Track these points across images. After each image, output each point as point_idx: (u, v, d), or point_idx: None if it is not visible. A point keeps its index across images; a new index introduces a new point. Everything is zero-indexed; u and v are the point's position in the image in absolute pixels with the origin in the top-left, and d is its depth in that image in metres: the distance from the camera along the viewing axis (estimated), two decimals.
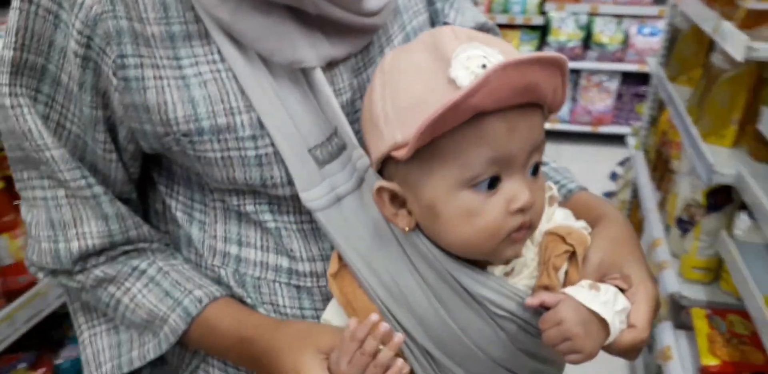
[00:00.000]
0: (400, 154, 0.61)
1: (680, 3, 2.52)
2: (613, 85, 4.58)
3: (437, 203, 0.63)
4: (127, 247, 0.75)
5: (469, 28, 0.69)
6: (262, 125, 0.67)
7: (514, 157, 0.61)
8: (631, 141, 3.44)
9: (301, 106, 0.68)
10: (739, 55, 1.61)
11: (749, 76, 1.81)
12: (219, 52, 0.66)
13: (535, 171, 0.65)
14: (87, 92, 0.66)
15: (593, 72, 4.55)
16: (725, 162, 1.80)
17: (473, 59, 0.59)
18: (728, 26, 1.75)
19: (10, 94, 0.66)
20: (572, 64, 4.49)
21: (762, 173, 1.71)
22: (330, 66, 0.70)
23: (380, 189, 0.65)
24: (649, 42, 4.31)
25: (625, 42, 4.41)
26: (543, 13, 4.47)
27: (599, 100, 4.61)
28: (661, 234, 2.36)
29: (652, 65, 3.04)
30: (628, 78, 4.58)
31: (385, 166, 0.67)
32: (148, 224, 0.77)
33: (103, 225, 0.72)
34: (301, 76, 0.68)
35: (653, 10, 4.23)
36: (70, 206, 0.71)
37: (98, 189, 0.71)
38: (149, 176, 0.79)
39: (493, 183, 0.62)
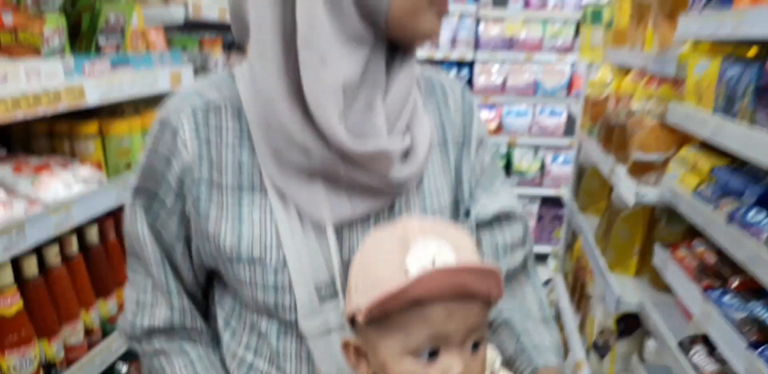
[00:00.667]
0: (360, 319, 0.73)
1: (583, 144, 2.86)
2: (534, 208, 4.91)
3: (387, 363, 0.74)
4: (182, 332, 0.95)
5: (440, 221, 0.83)
6: (285, 263, 0.84)
7: (451, 337, 0.72)
8: (551, 263, 3.68)
9: (317, 251, 0.85)
10: (630, 200, 1.87)
11: (643, 215, 2.06)
12: (269, 202, 0.85)
13: (476, 346, 0.75)
14: (177, 215, 0.88)
15: None
16: (630, 291, 2.00)
17: (426, 254, 0.71)
18: (621, 171, 2.03)
19: (133, 205, 0.90)
20: None
21: (662, 301, 1.91)
22: (351, 225, 0.87)
23: (346, 344, 0.78)
24: (563, 169, 4.71)
25: (542, 169, 4.80)
26: None
27: None
28: (582, 355, 2.50)
29: (566, 195, 3.35)
30: (547, 202, 4.93)
31: (354, 321, 0.78)
32: (202, 319, 0.97)
33: (168, 313, 0.93)
34: (324, 228, 0.85)
35: (565, 141, 4.67)
36: (152, 293, 0.93)
37: (173, 285, 0.92)
38: (213, 284, 0.98)
39: (433, 354, 0.72)
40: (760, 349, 1.18)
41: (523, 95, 4.67)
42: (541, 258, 4.63)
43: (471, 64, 4.76)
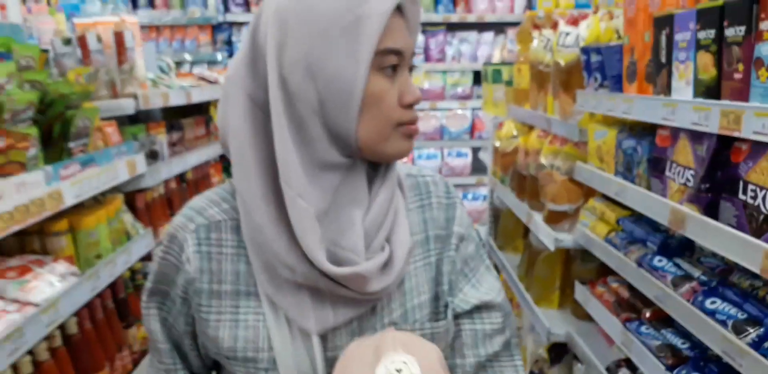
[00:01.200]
0: None
1: (495, 190, 3.16)
2: None
3: None
4: None
5: (412, 335, 0.92)
6: (275, 363, 0.93)
7: None
8: None
9: (304, 354, 0.92)
10: (550, 245, 2.14)
11: (560, 255, 2.35)
12: (263, 308, 0.93)
13: None
14: (183, 315, 0.98)
15: None
16: (557, 323, 2.27)
17: (394, 365, 0.83)
18: (538, 219, 2.32)
19: (148, 305, 1.00)
20: None
21: (585, 329, 2.19)
22: (334, 330, 0.94)
23: None
24: (473, 205, 5.05)
25: None
26: None
27: None
28: None
29: (483, 234, 3.64)
30: None
31: None
32: None
33: None
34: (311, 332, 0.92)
35: (472, 179, 5.02)
36: None
37: (182, 372, 1.02)
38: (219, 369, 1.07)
39: None
40: (675, 371, 1.45)
41: (431, 140, 5.00)
42: None
43: None
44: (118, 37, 2.10)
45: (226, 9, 4.88)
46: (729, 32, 1.20)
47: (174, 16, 4.92)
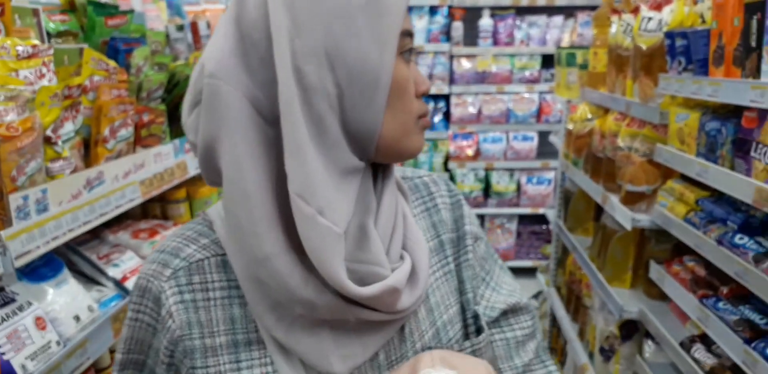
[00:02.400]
0: None
1: (567, 172, 3.22)
2: (513, 226, 5.28)
3: None
4: None
5: (451, 352, 0.82)
6: None
7: None
8: (541, 278, 4.02)
9: None
10: (627, 225, 2.21)
11: (635, 235, 2.41)
12: (270, 356, 0.77)
13: None
14: None
15: (494, 216, 5.25)
16: (629, 301, 2.34)
17: None
18: (615, 201, 2.38)
19: None
20: (476, 210, 5.18)
21: (657, 308, 2.26)
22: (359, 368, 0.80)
23: None
24: (537, 189, 5.09)
25: (518, 190, 5.17)
26: (447, 170, 5.22)
27: (503, 239, 5.27)
28: (585, 359, 2.83)
29: (550, 217, 3.70)
30: (524, 219, 5.31)
31: None
32: None
33: None
34: None
35: (537, 163, 5.06)
36: None
37: None
38: None
39: None
40: (753, 344, 1.52)
41: (496, 123, 5.05)
42: (526, 271, 5.00)
43: (447, 97, 5.13)
44: (194, 26, 2.23)
45: None
46: None
47: None
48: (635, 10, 2.31)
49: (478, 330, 0.90)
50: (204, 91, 0.71)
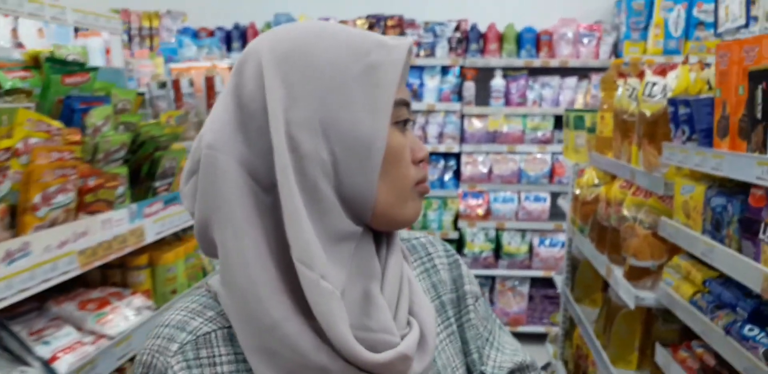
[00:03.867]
0: None
1: (574, 239, 3.06)
2: (525, 289, 5.05)
3: None
4: None
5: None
6: None
7: None
8: (550, 348, 3.79)
9: None
10: (630, 303, 2.04)
11: (640, 313, 2.23)
12: None
13: None
14: None
15: (506, 278, 5.04)
16: None
17: None
18: (618, 274, 2.21)
19: None
20: (487, 272, 5.00)
21: None
22: None
23: None
24: (551, 251, 4.90)
25: (531, 252, 4.98)
26: (457, 228, 5.06)
27: (515, 303, 5.05)
28: None
29: (558, 284, 3.52)
30: (537, 282, 5.09)
31: None
32: None
33: None
34: None
35: (550, 225, 4.89)
36: None
37: None
38: None
39: None
40: None
41: (508, 183, 4.92)
42: (537, 337, 4.75)
43: (457, 156, 5.04)
44: (209, 82, 2.21)
45: None
46: None
47: None
48: (641, 75, 2.21)
49: None
50: (202, 161, 0.74)
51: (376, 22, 4.82)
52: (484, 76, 4.91)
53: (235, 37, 5.09)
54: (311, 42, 0.75)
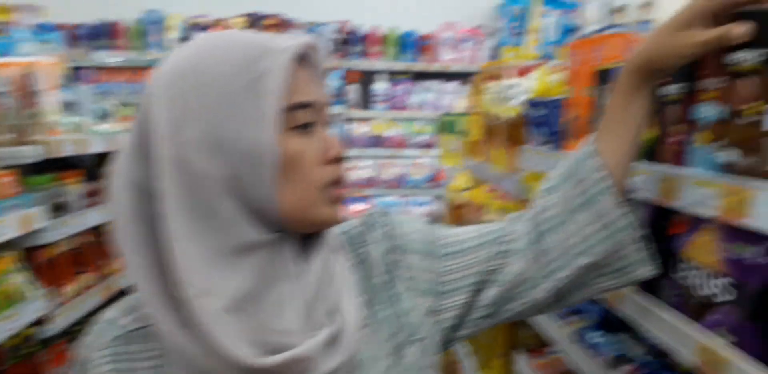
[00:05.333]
0: None
1: None
2: None
3: None
4: None
5: None
6: None
7: None
8: None
9: None
10: None
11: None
12: None
13: None
14: None
15: None
16: None
17: None
18: None
19: None
20: None
21: None
22: None
23: None
24: None
25: None
26: None
27: None
28: None
29: None
30: None
31: None
32: None
33: None
34: None
35: None
36: None
37: None
38: None
39: None
40: None
41: (392, 187, 4.89)
42: None
43: None
44: (24, 80, 1.97)
45: None
46: (668, 90, 1.09)
47: (130, 57, 4.78)
48: (503, 78, 2.18)
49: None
50: (109, 191, 0.78)
51: (254, 21, 4.65)
52: (367, 79, 4.85)
53: (103, 34, 4.76)
54: (202, 58, 0.76)
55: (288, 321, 0.76)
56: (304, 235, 0.82)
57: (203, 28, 4.64)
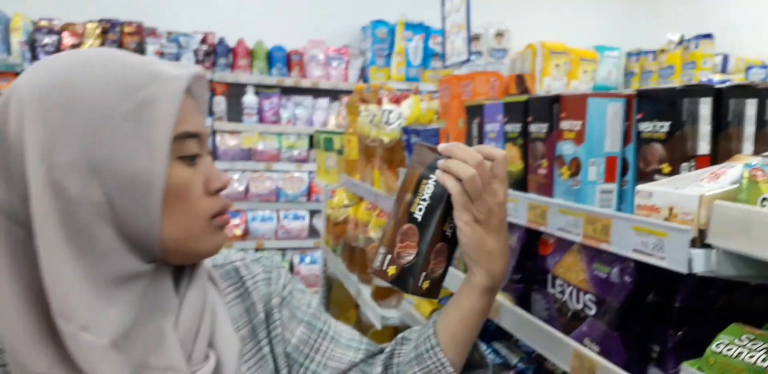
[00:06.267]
0: None
1: (328, 258, 3.09)
2: None
3: None
4: None
5: None
6: None
7: None
8: None
9: None
10: (377, 323, 2.09)
11: (389, 331, 2.30)
12: None
13: None
14: None
15: None
16: None
17: None
18: (366, 295, 2.26)
19: None
20: None
21: None
22: None
23: None
24: (311, 269, 4.93)
25: (291, 270, 4.98)
26: None
27: None
28: None
29: (314, 303, 3.54)
30: None
31: None
32: None
33: None
34: None
35: (310, 242, 4.93)
36: None
37: None
38: None
39: None
40: None
41: (266, 201, 4.87)
42: None
43: None
44: None
45: (34, 56, 4.43)
46: (533, 128, 1.23)
47: None
48: (379, 102, 2.29)
49: None
50: None
51: (110, 28, 4.42)
52: (236, 91, 4.79)
53: None
54: (76, 76, 0.71)
55: (169, 358, 0.73)
56: (178, 266, 0.80)
57: (53, 32, 4.34)
